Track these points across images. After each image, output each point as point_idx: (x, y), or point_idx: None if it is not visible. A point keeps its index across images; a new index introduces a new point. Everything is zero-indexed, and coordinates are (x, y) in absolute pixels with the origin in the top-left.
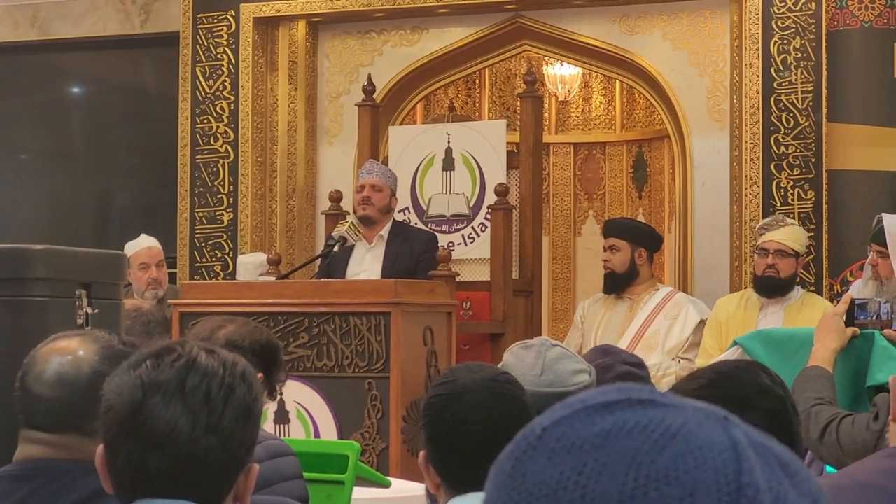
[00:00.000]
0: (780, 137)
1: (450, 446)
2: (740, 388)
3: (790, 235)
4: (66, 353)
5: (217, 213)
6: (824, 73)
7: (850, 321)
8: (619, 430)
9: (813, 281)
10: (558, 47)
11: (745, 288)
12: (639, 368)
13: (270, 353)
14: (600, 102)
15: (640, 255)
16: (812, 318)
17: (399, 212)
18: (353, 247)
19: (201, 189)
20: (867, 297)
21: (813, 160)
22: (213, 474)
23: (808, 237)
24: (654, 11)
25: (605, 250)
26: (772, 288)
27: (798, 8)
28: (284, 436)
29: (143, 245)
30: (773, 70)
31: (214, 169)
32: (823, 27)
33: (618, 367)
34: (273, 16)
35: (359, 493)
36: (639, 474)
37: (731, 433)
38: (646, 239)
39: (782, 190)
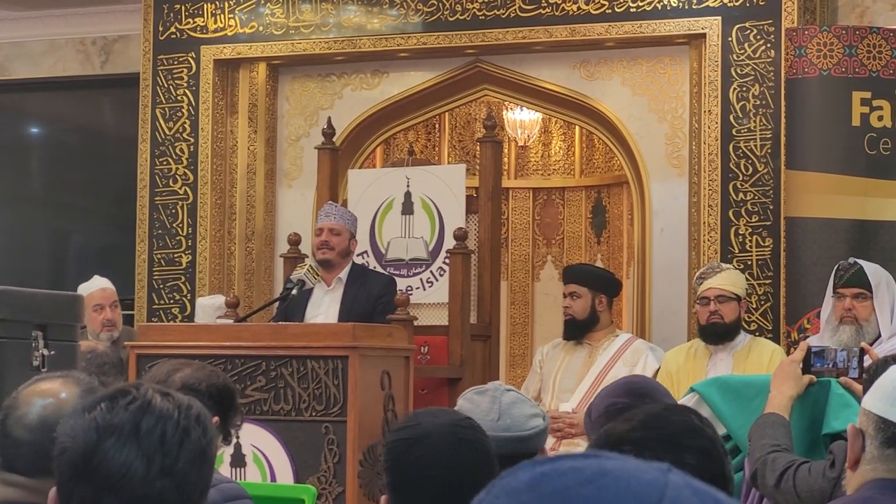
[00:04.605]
0: (738, 184)
1: (412, 491)
2: (671, 427)
3: (728, 280)
4: (49, 395)
5: (175, 255)
6: (783, 120)
7: (806, 369)
8: (554, 472)
9: (770, 328)
10: (518, 92)
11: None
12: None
13: (227, 396)
14: (560, 148)
15: (601, 302)
16: (760, 361)
17: (358, 255)
18: (311, 289)
19: (160, 231)
20: (840, 342)
21: (771, 207)
22: None
23: (766, 284)
24: (614, 57)
25: (565, 297)
26: (718, 334)
27: (757, 55)
28: (240, 479)
29: (97, 286)
30: (731, 117)
31: (173, 211)
32: (782, 75)
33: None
34: (234, 58)
35: None
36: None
37: (667, 476)
38: (606, 285)
39: (740, 237)
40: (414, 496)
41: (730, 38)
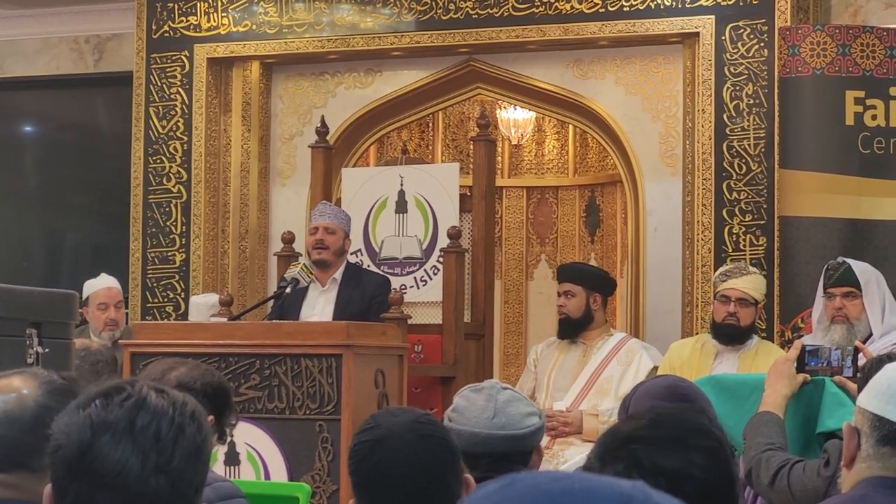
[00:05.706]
0: (732, 183)
1: (379, 491)
2: (679, 427)
3: (752, 284)
4: (9, 391)
5: (169, 254)
6: (776, 119)
7: (801, 367)
8: (529, 476)
9: (764, 327)
10: (512, 91)
11: (698, 333)
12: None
13: (222, 395)
14: (553, 147)
15: (595, 301)
16: (766, 365)
17: (352, 254)
18: (306, 289)
19: (153, 229)
20: (832, 341)
21: (765, 206)
22: None
23: None
24: (608, 56)
25: (559, 295)
26: (731, 336)
27: (751, 54)
28: (235, 477)
29: (103, 284)
30: (725, 116)
31: (167, 209)
32: (776, 74)
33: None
34: (227, 56)
35: None
36: (537, 495)
37: (645, 489)
38: (601, 284)
39: (734, 236)
40: (382, 496)
41: (723, 37)
